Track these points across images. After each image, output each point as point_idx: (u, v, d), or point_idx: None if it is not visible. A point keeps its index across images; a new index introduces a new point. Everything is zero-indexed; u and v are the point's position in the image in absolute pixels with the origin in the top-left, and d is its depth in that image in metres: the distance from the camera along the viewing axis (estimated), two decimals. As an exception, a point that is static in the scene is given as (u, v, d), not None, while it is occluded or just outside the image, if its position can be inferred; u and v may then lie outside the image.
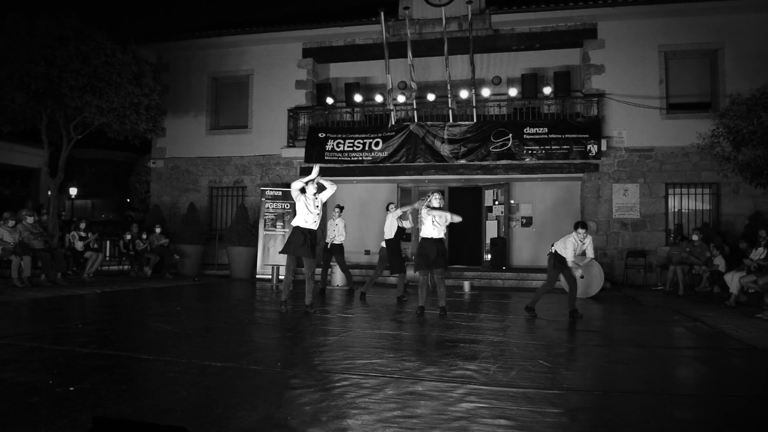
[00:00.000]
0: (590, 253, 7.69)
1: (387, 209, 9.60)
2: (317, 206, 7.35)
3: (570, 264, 7.51)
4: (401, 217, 9.10)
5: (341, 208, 10.28)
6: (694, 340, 6.17)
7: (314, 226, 7.36)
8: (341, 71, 15.85)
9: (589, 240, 7.63)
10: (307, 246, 7.23)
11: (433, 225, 7.41)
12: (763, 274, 8.27)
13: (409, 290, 9.46)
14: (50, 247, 10.75)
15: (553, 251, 7.67)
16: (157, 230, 13.33)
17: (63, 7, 12.32)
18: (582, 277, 8.89)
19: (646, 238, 12.92)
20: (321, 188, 7.48)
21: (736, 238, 11.47)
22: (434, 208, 7.45)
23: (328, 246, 10.16)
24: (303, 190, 7.35)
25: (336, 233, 10.10)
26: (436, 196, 7.54)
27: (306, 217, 7.29)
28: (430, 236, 7.42)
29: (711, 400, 3.80)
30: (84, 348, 4.85)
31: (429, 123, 13.70)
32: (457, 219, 7.54)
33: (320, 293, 9.75)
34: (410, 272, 9.44)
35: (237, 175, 15.49)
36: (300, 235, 7.26)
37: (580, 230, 7.52)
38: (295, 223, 7.38)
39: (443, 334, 6.16)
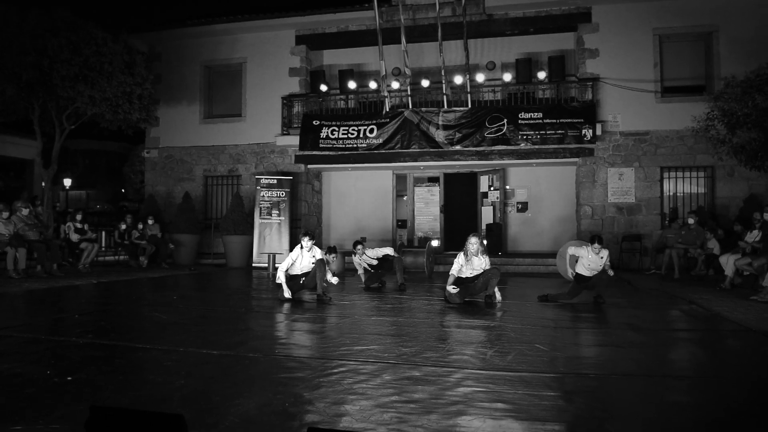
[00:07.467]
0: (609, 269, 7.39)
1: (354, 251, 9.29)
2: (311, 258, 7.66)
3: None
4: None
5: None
6: (690, 323, 6.20)
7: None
8: (335, 58, 15.75)
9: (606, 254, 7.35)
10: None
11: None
12: (757, 257, 8.30)
13: (406, 276, 9.44)
14: (45, 238, 10.70)
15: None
16: (150, 221, 13.30)
17: (54, 1, 12.21)
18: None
19: (641, 222, 12.94)
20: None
21: (731, 221, 11.50)
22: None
23: None
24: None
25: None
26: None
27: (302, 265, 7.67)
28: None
29: (707, 382, 3.82)
30: (81, 338, 4.85)
31: (423, 109, 13.63)
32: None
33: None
34: (409, 258, 9.42)
35: (231, 164, 15.42)
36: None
37: (596, 245, 7.29)
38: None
39: (440, 319, 6.18)
